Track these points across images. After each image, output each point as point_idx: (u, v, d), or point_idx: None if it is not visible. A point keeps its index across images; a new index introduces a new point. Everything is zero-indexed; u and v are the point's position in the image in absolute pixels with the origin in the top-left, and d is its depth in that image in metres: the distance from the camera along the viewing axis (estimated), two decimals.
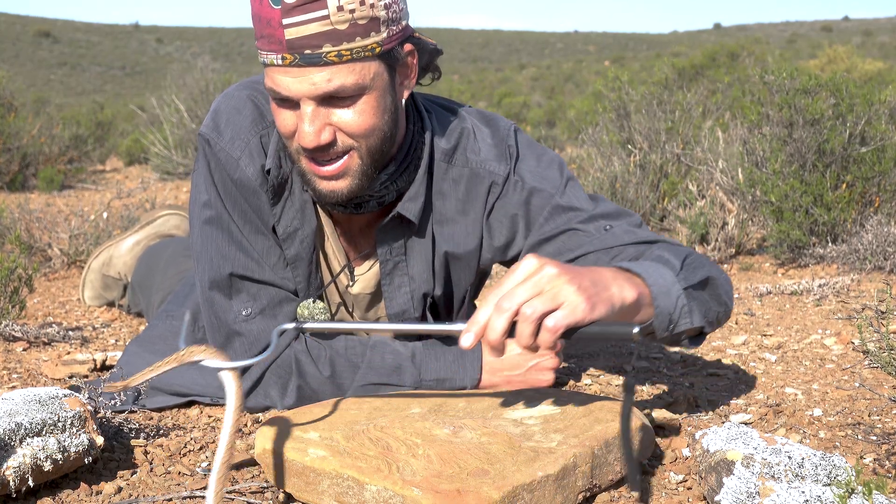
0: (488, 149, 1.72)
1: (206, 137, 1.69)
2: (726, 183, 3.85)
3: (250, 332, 1.68)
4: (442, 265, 1.76)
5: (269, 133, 1.68)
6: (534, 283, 1.26)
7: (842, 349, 2.19)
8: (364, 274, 1.80)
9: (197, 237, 1.72)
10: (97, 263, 2.90)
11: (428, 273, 1.76)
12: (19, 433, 1.33)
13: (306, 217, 1.71)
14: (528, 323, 1.25)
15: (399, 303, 1.76)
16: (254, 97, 1.70)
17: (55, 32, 61.00)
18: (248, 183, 1.66)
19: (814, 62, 16.24)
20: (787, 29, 66.71)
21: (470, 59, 58.29)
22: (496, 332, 1.26)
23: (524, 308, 1.25)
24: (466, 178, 1.71)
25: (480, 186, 1.71)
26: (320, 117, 1.51)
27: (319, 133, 1.51)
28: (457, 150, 1.71)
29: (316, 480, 1.30)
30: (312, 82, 1.47)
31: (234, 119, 1.68)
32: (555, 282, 1.26)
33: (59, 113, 9.96)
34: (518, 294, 1.26)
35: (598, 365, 2.14)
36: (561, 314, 1.25)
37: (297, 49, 1.45)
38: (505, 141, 1.73)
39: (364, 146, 1.55)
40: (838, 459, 1.27)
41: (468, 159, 1.71)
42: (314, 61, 1.46)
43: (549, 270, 1.27)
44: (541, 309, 1.25)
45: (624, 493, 1.38)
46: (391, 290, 1.76)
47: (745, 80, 7.27)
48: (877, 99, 3.50)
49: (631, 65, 23.74)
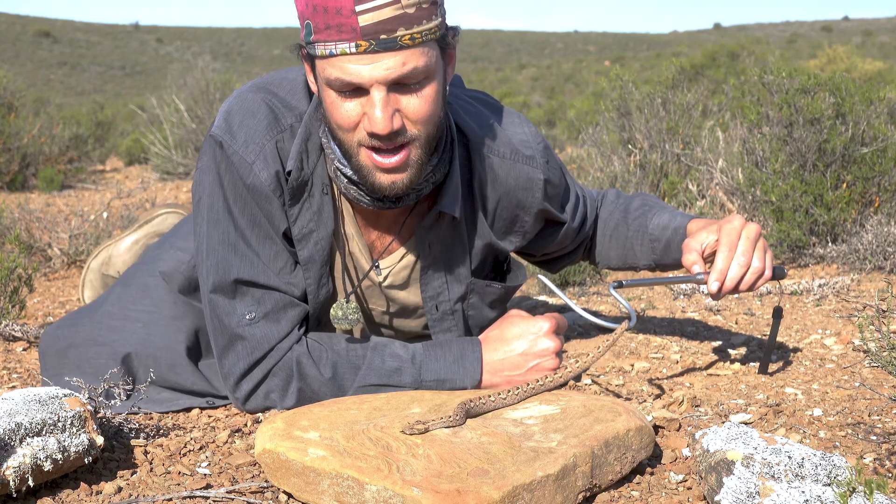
0: (517, 147, 1.79)
1: (219, 139, 1.67)
2: (726, 183, 3.84)
3: (253, 336, 1.68)
4: (478, 254, 1.82)
5: (285, 138, 1.67)
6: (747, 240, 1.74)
7: (842, 349, 2.19)
8: (393, 267, 1.81)
9: (202, 239, 1.71)
10: (96, 263, 2.90)
11: (465, 262, 1.80)
12: (19, 433, 1.33)
13: (323, 220, 1.70)
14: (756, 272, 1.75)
15: (434, 286, 1.81)
16: (268, 101, 1.69)
17: (55, 32, 60.99)
18: (261, 188, 1.65)
19: (814, 62, 16.24)
20: (787, 29, 66.71)
21: (470, 59, 58.29)
22: (735, 279, 1.73)
23: (755, 266, 1.74)
24: (509, 174, 1.78)
25: (521, 181, 1.79)
26: (391, 103, 1.52)
27: (392, 119, 1.51)
28: (484, 146, 1.76)
29: (316, 480, 1.30)
30: (387, 67, 1.48)
31: (248, 122, 1.67)
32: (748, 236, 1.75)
33: (59, 113, 9.96)
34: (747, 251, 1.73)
35: (598, 365, 2.14)
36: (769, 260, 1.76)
37: (372, 35, 1.46)
38: (533, 136, 1.83)
39: (424, 134, 1.57)
40: (838, 459, 1.26)
41: (507, 157, 1.78)
42: (390, 46, 1.47)
43: (751, 229, 1.75)
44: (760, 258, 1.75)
45: (624, 493, 1.38)
46: (427, 277, 1.80)
47: (746, 80, 7.27)
48: (877, 98, 3.49)
49: (631, 65, 23.73)
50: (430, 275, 1.80)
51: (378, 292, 1.83)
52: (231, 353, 1.69)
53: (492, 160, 1.77)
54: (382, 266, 1.80)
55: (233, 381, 1.70)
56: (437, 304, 1.82)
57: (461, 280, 1.82)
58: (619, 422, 1.43)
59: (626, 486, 1.41)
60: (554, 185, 1.85)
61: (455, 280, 1.81)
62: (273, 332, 1.68)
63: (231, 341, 1.69)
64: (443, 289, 1.81)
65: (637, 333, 2.46)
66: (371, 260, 1.79)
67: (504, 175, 1.78)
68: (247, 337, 1.68)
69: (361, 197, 1.67)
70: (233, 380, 1.70)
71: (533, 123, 1.87)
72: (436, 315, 1.83)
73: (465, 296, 1.83)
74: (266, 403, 1.71)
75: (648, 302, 2.87)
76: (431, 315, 1.83)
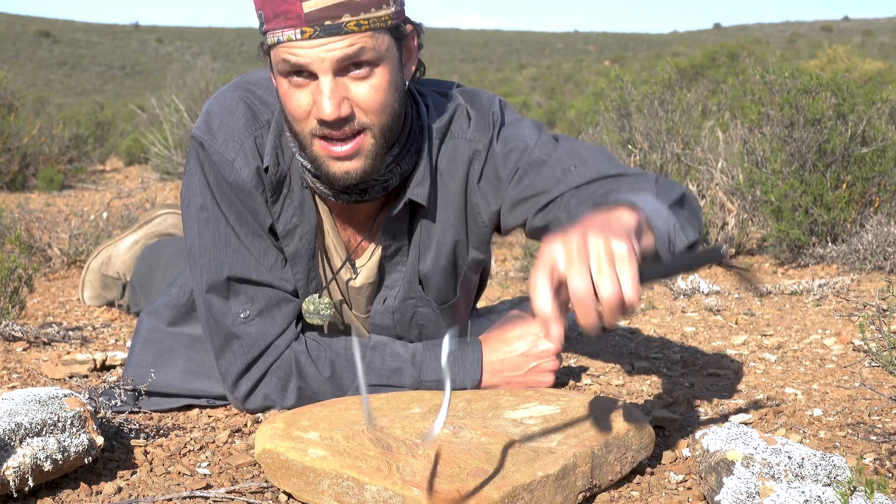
0: (473, 122, 1.73)
1: (200, 140, 1.68)
2: (726, 183, 3.85)
3: (248, 335, 1.68)
4: (449, 245, 1.76)
5: (264, 134, 1.67)
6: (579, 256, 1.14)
7: (842, 349, 2.19)
8: (365, 264, 1.80)
9: (193, 240, 1.71)
10: (96, 263, 2.90)
11: (433, 253, 1.75)
12: (19, 433, 1.33)
13: (305, 214, 1.70)
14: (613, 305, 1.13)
15: (393, 277, 1.77)
16: (246, 98, 1.70)
17: (55, 32, 61.00)
18: (243, 185, 1.66)
19: (814, 62, 16.24)
20: (787, 29, 66.71)
21: (470, 59, 58.31)
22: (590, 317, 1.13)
23: (602, 294, 1.12)
24: (456, 154, 1.72)
25: (464, 158, 1.72)
26: (339, 90, 1.51)
27: (339, 105, 1.51)
28: (449, 129, 1.73)
29: (316, 480, 1.30)
30: (331, 48, 1.48)
31: (226, 121, 1.68)
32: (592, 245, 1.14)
33: (59, 113, 9.97)
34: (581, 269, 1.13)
35: (598, 365, 2.14)
36: (627, 273, 1.13)
37: (317, 21, 1.46)
38: (489, 110, 1.74)
39: (377, 124, 1.56)
40: (838, 459, 1.26)
41: (457, 136, 1.73)
42: (335, 31, 1.47)
43: (575, 239, 1.15)
44: (614, 278, 1.13)
45: (624, 493, 1.38)
46: (389, 267, 1.77)
47: (746, 80, 7.27)
48: (878, 98, 3.50)
49: (631, 65, 23.73)
50: (391, 265, 1.76)
51: (356, 290, 1.83)
52: (228, 352, 1.69)
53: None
54: (358, 264, 1.80)
55: (231, 380, 1.70)
56: (386, 297, 1.78)
57: (424, 268, 1.75)
58: (619, 422, 1.43)
59: (626, 486, 1.41)
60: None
61: (411, 273, 1.76)
62: (269, 329, 1.69)
63: (227, 341, 1.69)
64: (398, 283, 1.77)
65: (637, 334, 2.46)
66: (344, 258, 1.78)
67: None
68: (242, 336, 1.68)
69: (325, 190, 1.67)
70: (231, 379, 1.70)
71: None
72: (380, 308, 1.78)
73: (414, 297, 1.78)
74: (265, 403, 1.71)
75: (648, 302, 2.87)
76: (377, 306, 1.78)
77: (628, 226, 1.22)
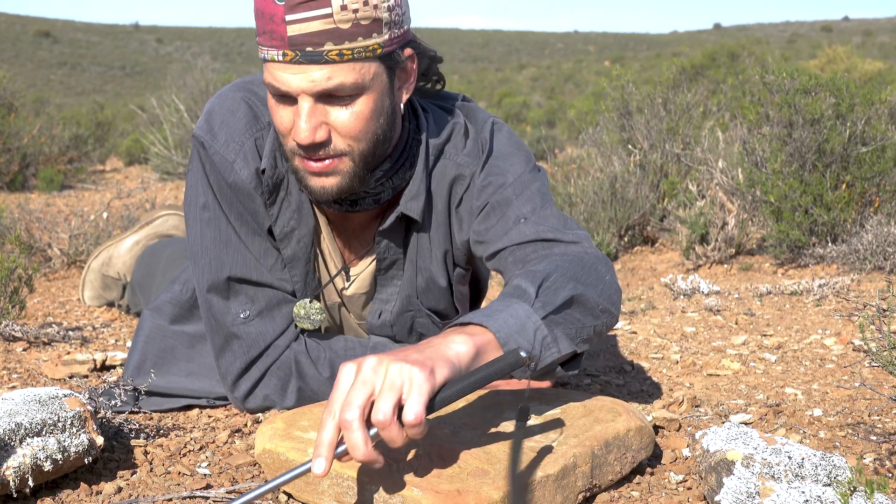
0: (468, 147, 1.72)
1: (201, 140, 1.68)
2: (726, 183, 3.85)
3: (248, 335, 1.68)
4: (441, 260, 1.76)
5: (264, 135, 1.67)
6: (362, 381, 1.16)
7: (842, 349, 2.19)
8: (360, 274, 1.80)
9: (195, 239, 1.71)
10: (97, 263, 2.91)
11: (427, 268, 1.75)
12: (19, 433, 1.33)
13: (303, 217, 1.70)
14: (390, 427, 1.13)
15: (388, 291, 1.76)
16: (248, 99, 1.70)
17: (55, 32, 61.02)
18: (242, 186, 1.66)
19: (814, 62, 16.25)
20: (787, 29, 66.72)
21: (470, 59, 58.31)
22: (361, 448, 1.13)
23: (375, 417, 1.13)
24: (444, 175, 1.72)
25: (448, 180, 1.72)
26: (317, 115, 1.50)
27: (315, 130, 1.50)
28: (444, 149, 1.72)
29: (316, 480, 1.30)
30: (312, 79, 1.47)
31: (228, 121, 1.68)
32: (380, 370, 1.16)
33: (59, 113, 9.97)
34: (354, 398, 1.14)
35: (598, 365, 2.14)
36: (412, 399, 1.14)
37: (299, 46, 1.45)
38: (480, 135, 1.73)
39: (357, 150, 1.54)
40: (838, 459, 1.26)
41: (450, 156, 1.72)
42: (315, 59, 1.45)
43: (369, 363, 1.17)
44: (389, 404, 1.13)
45: (624, 494, 1.38)
46: (383, 280, 1.76)
47: (746, 80, 7.27)
48: (877, 98, 3.50)
49: (631, 65, 23.73)
50: (385, 278, 1.76)
51: (350, 299, 1.83)
52: (227, 352, 1.70)
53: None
54: (352, 273, 1.80)
55: (230, 380, 1.71)
56: (381, 311, 1.78)
57: (419, 281, 1.76)
58: (619, 422, 1.43)
59: (626, 486, 1.41)
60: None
61: (409, 288, 1.76)
62: (268, 329, 1.69)
63: (227, 340, 1.69)
64: (393, 297, 1.77)
65: (637, 334, 2.46)
66: (339, 265, 1.78)
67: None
68: (242, 336, 1.68)
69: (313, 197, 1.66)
70: (230, 379, 1.71)
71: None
72: (376, 322, 1.79)
73: (411, 310, 1.79)
74: (265, 403, 1.71)
75: (648, 302, 2.87)
76: (372, 320, 1.79)
77: (448, 355, 1.22)
